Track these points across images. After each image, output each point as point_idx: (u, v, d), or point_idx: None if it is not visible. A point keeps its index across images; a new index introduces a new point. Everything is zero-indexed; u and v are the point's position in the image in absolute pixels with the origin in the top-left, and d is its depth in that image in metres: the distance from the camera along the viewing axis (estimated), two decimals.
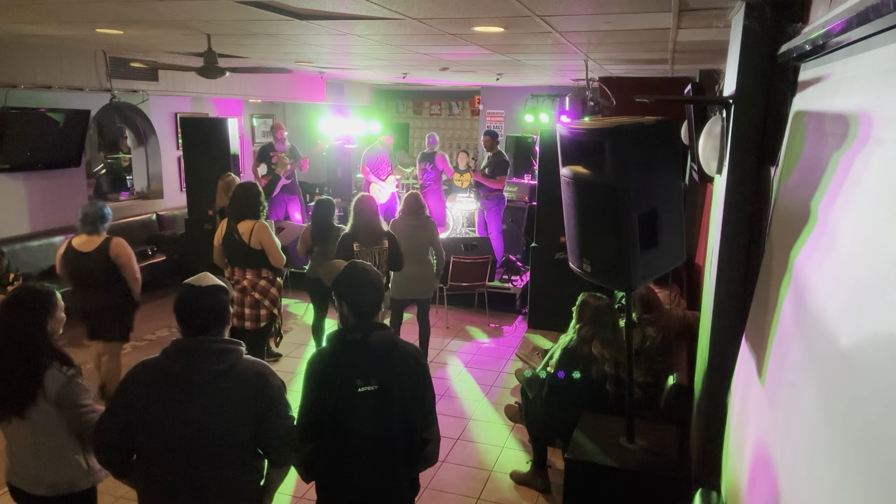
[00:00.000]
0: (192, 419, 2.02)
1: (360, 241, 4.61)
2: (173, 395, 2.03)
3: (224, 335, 2.16)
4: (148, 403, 2.04)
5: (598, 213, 2.49)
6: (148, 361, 2.12)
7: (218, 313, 2.12)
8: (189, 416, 2.02)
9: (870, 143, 1.32)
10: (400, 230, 5.10)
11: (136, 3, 3.53)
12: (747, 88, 2.48)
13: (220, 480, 2.08)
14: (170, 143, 8.76)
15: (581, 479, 2.83)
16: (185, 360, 2.07)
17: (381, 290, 2.36)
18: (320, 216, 5.30)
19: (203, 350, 2.07)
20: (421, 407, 2.29)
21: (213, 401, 2.04)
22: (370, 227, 4.64)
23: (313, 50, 5.92)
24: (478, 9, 3.48)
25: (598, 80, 6.80)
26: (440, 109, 13.79)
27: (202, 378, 2.04)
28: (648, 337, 3.93)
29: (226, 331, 2.18)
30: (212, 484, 2.08)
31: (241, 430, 2.07)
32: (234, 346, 2.13)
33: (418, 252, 5.16)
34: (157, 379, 2.06)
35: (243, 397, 2.07)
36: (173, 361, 2.08)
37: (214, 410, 2.04)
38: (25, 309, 2.39)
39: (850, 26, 1.31)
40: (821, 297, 1.46)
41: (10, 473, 2.47)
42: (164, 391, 2.04)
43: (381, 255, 4.62)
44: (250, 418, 2.07)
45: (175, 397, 2.03)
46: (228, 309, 2.18)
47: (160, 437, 2.04)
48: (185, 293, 2.12)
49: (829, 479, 1.21)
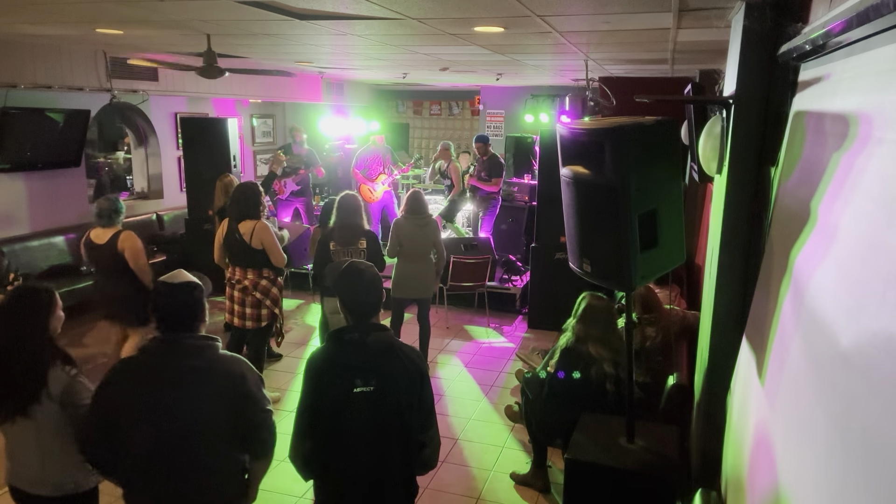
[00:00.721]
0: (170, 415, 2.05)
1: (336, 241, 4.55)
2: (151, 391, 2.06)
3: (200, 331, 2.19)
4: (127, 401, 2.08)
5: (598, 213, 2.48)
6: (126, 360, 2.18)
7: (192, 310, 2.16)
8: (168, 411, 2.05)
9: (870, 143, 1.32)
10: (403, 229, 5.09)
11: (136, 3, 3.53)
12: (747, 88, 2.48)
13: (202, 474, 2.12)
14: (170, 143, 8.76)
15: (581, 479, 2.82)
16: (161, 357, 2.11)
17: (378, 290, 2.36)
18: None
19: (179, 346, 2.11)
20: (418, 409, 2.29)
21: (191, 396, 2.07)
22: (346, 225, 4.55)
23: (313, 50, 5.92)
24: (478, 9, 3.48)
25: (598, 80, 6.80)
26: (440, 109, 13.79)
27: (179, 374, 2.08)
28: (648, 337, 3.93)
29: (202, 326, 2.21)
30: (194, 478, 2.11)
31: (220, 423, 2.11)
32: (210, 342, 2.17)
33: (421, 251, 5.16)
34: (135, 376, 2.10)
35: (220, 391, 2.10)
36: (150, 358, 2.12)
37: (192, 405, 2.07)
38: (26, 307, 2.39)
39: (850, 26, 1.31)
40: (821, 297, 1.46)
41: (12, 475, 2.46)
42: (143, 388, 2.07)
43: (358, 256, 4.50)
44: (228, 412, 2.11)
45: (153, 394, 2.06)
46: (203, 305, 2.21)
47: (141, 434, 2.07)
48: (159, 291, 2.16)
49: (829, 479, 1.21)
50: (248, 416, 2.14)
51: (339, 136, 10.70)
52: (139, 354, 2.15)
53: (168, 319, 2.13)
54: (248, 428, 2.16)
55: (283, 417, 4.71)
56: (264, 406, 2.19)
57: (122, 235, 4.40)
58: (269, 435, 2.23)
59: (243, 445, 2.21)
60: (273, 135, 11.52)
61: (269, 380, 5.26)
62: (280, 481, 3.89)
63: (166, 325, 2.13)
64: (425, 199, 5.34)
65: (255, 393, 2.16)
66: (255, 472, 2.29)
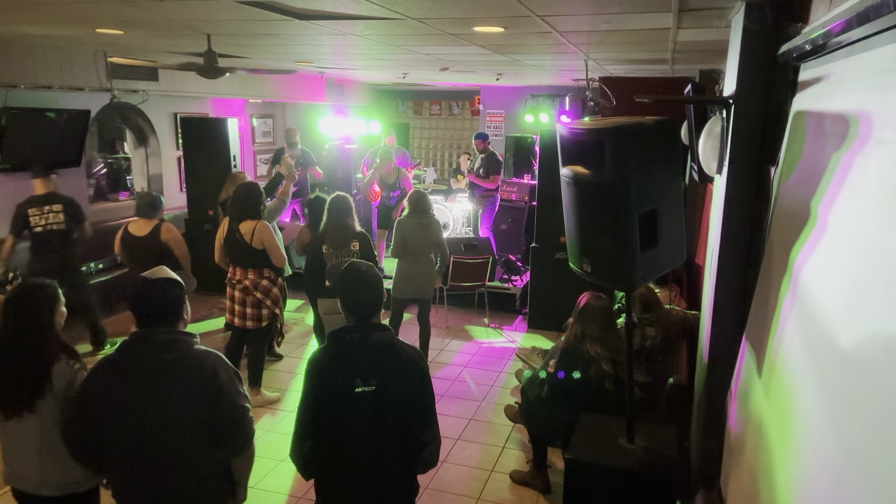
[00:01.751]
0: (143, 411, 2.07)
1: (328, 244, 4.53)
2: (127, 387, 2.08)
3: (177, 327, 2.21)
4: (105, 398, 2.10)
5: (598, 213, 2.48)
6: (105, 357, 2.19)
7: (167, 306, 2.18)
8: (141, 408, 2.07)
9: (870, 143, 1.32)
10: (407, 229, 5.08)
11: (136, 3, 3.53)
12: (747, 88, 2.48)
13: (180, 472, 2.12)
14: (170, 143, 8.75)
15: (581, 479, 2.82)
16: (135, 353, 2.13)
17: (378, 290, 2.36)
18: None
19: (150, 341, 2.13)
20: (419, 409, 2.29)
21: (164, 391, 2.08)
22: (338, 227, 4.52)
23: (313, 50, 5.92)
24: (478, 9, 3.48)
25: (598, 80, 6.80)
26: (440, 109, 13.78)
27: (151, 369, 2.09)
28: (648, 337, 3.92)
29: (180, 323, 2.23)
30: (172, 475, 2.12)
31: (194, 419, 2.11)
32: (183, 337, 2.18)
33: (424, 251, 5.15)
34: (111, 373, 2.13)
35: (193, 386, 2.10)
36: (125, 354, 2.14)
37: (166, 400, 2.08)
38: (30, 303, 2.41)
39: (850, 26, 1.31)
40: (821, 297, 1.46)
41: (12, 477, 2.46)
42: (119, 385, 2.10)
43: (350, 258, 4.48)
44: (202, 408, 2.11)
45: (128, 390, 2.08)
46: (181, 302, 2.23)
47: (121, 431, 2.09)
48: (136, 286, 2.19)
49: (829, 479, 1.21)
50: (221, 412, 2.13)
51: (339, 136, 10.70)
52: (116, 352, 2.17)
53: (142, 315, 2.16)
54: (221, 424, 2.15)
55: (283, 417, 4.71)
56: (238, 402, 2.18)
57: (163, 227, 4.78)
58: (243, 432, 2.21)
59: (220, 442, 2.19)
60: (273, 135, 11.51)
61: (269, 380, 5.27)
62: (280, 481, 3.90)
63: (141, 321, 2.16)
64: (429, 198, 5.34)
65: (228, 388, 2.15)
66: (237, 469, 2.27)
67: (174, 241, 4.79)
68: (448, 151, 13.76)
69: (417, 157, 10.19)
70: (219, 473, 2.23)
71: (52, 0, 3.57)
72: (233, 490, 2.28)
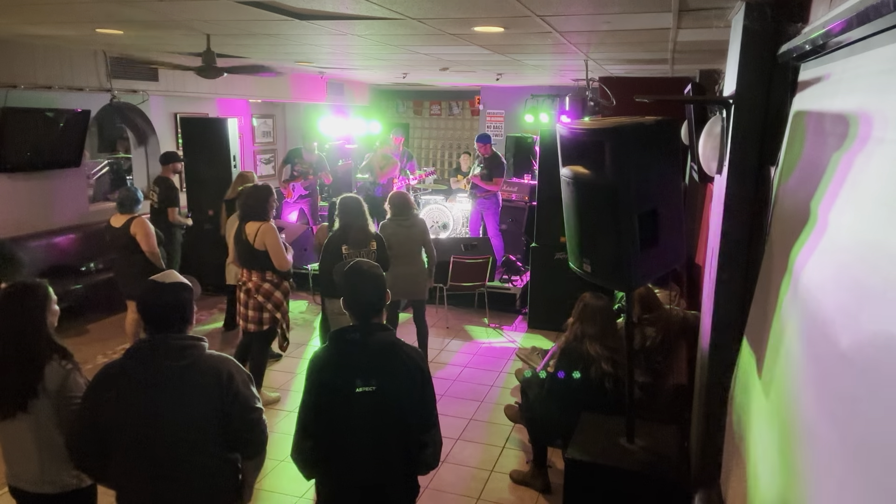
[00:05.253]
0: (158, 417, 2.04)
1: (350, 244, 4.52)
2: (137, 394, 2.05)
3: (187, 332, 2.18)
4: (114, 405, 2.06)
5: (598, 213, 2.48)
6: (111, 363, 2.15)
7: (179, 310, 2.15)
8: (155, 413, 2.04)
9: (870, 143, 1.32)
10: (390, 232, 5.00)
11: (136, 3, 3.53)
12: (747, 88, 2.47)
13: (193, 476, 2.11)
14: (170, 143, 8.75)
15: (581, 479, 2.82)
16: (147, 359, 2.09)
17: (381, 290, 2.35)
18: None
19: (163, 347, 2.09)
20: (419, 409, 2.29)
21: (178, 397, 2.06)
22: (359, 228, 4.54)
23: (313, 50, 5.92)
24: (478, 9, 3.48)
25: (598, 80, 6.80)
26: (440, 109, 13.78)
27: (164, 375, 2.06)
28: (648, 337, 3.92)
29: (189, 328, 2.20)
30: (185, 480, 2.10)
31: (209, 424, 2.09)
32: (196, 342, 2.15)
33: (409, 252, 5.09)
34: (120, 380, 2.08)
35: (207, 391, 2.08)
36: (135, 361, 2.10)
37: (179, 406, 2.06)
38: (21, 302, 2.39)
39: (850, 26, 1.31)
40: (821, 297, 1.46)
41: (12, 476, 2.46)
42: (128, 392, 2.06)
43: (369, 258, 4.47)
44: (216, 412, 2.09)
45: (139, 396, 2.05)
46: (191, 306, 2.21)
47: (129, 438, 2.05)
48: (147, 290, 2.15)
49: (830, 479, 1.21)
50: (237, 416, 2.12)
51: (339, 136, 10.69)
52: (125, 357, 2.13)
53: (154, 320, 2.12)
54: (238, 427, 2.14)
55: (284, 417, 4.71)
56: (254, 405, 2.18)
57: (134, 221, 5.09)
58: (261, 434, 2.21)
59: (234, 445, 2.19)
60: (273, 135, 11.51)
61: (269, 380, 5.26)
62: (280, 481, 3.90)
63: (153, 326, 2.13)
64: (410, 199, 5.28)
65: (244, 392, 2.14)
66: (247, 471, 2.28)
67: (141, 234, 5.06)
68: (448, 151, 13.75)
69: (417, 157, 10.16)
70: (230, 476, 2.22)
71: (53, 0, 3.57)
72: (240, 492, 2.28)
